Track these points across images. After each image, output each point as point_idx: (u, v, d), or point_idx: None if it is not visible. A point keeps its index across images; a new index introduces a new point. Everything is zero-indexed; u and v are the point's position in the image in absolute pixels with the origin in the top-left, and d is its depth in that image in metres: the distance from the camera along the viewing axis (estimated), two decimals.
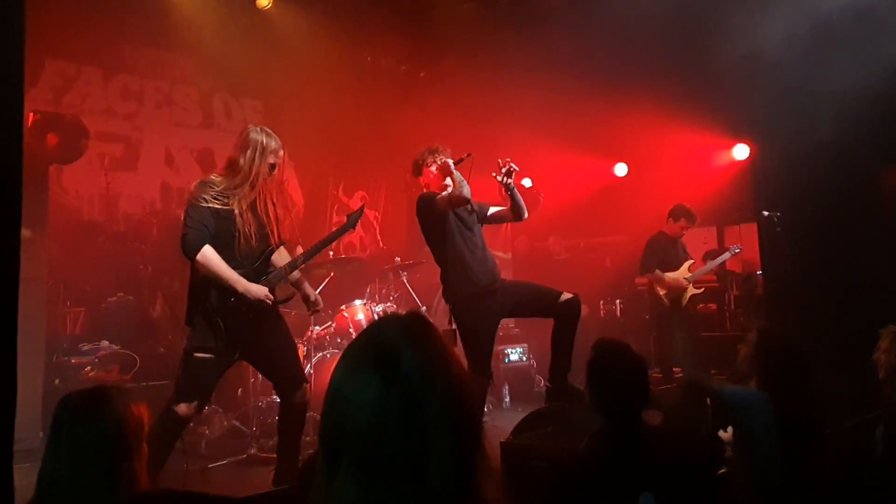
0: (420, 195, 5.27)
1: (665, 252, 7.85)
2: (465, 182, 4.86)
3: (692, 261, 7.97)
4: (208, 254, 4.22)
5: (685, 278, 7.76)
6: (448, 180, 4.97)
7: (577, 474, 2.51)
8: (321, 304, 4.83)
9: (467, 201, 4.90)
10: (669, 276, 7.74)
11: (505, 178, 4.99)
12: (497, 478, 1.31)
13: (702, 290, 7.96)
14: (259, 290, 4.32)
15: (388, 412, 1.19)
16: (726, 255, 8.04)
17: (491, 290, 5.13)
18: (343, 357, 1.30)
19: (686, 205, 7.93)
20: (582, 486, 2.46)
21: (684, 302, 7.81)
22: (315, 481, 1.26)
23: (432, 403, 1.21)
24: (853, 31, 6.04)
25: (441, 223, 5.13)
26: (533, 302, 5.24)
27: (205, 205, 4.25)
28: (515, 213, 5.33)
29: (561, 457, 2.59)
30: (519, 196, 5.17)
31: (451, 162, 4.98)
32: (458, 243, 5.16)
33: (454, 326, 5.16)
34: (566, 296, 5.12)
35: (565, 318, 5.12)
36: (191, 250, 4.22)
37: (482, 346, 5.12)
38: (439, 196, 5.01)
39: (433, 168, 5.21)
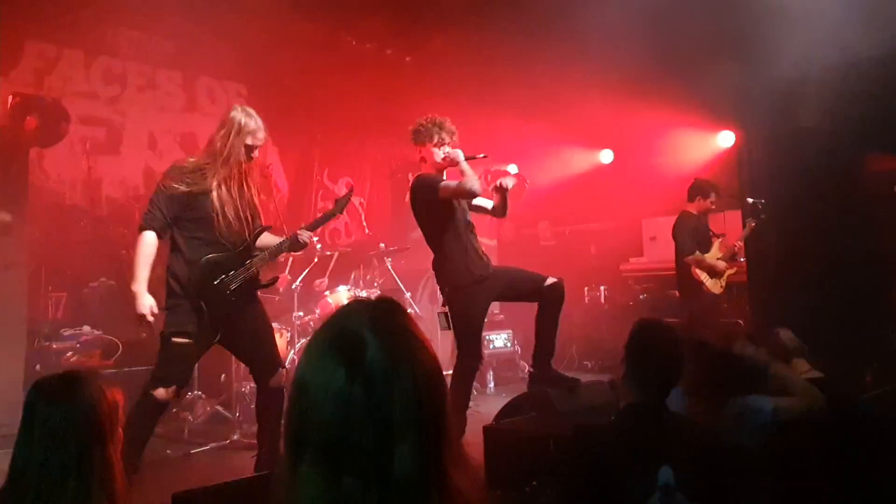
0: (420, 176, 5.10)
1: (699, 233, 7.18)
2: (475, 176, 4.84)
3: (720, 239, 7.30)
4: (146, 239, 4.24)
5: (719, 258, 7.11)
6: (461, 168, 4.89)
7: (602, 446, 2.60)
8: (308, 238, 4.62)
9: (475, 196, 4.93)
10: (709, 257, 7.08)
11: (506, 183, 5.08)
12: (472, 466, 1.29)
13: (734, 270, 7.29)
14: (142, 307, 4.21)
15: (351, 404, 1.17)
16: (749, 226, 7.23)
17: (484, 278, 5.12)
18: (308, 345, 1.28)
19: (707, 178, 7.44)
20: (606, 458, 2.55)
21: (723, 285, 7.15)
22: (278, 472, 1.25)
23: (396, 397, 1.18)
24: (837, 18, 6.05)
25: (442, 210, 5.02)
26: (519, 287, 5.24)
27: (166, 192, 4.24)
28: (501, 211, 5.35)
29: (587, 428, 2.72)
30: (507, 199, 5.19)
31: (461, 155, 4.92)
32: (460, 232, 5.09)
33: (445, 310, 5.16)
34: (551, 280, 5.13)
35: (550, 302, 5.13)
36: (141, 228, 4.28)
37: (474, 331, 5.12)
38: (443, 183, 4.93)
39: (440, 152, 5.03)
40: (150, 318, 4.23)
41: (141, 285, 4.21)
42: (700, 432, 2.69)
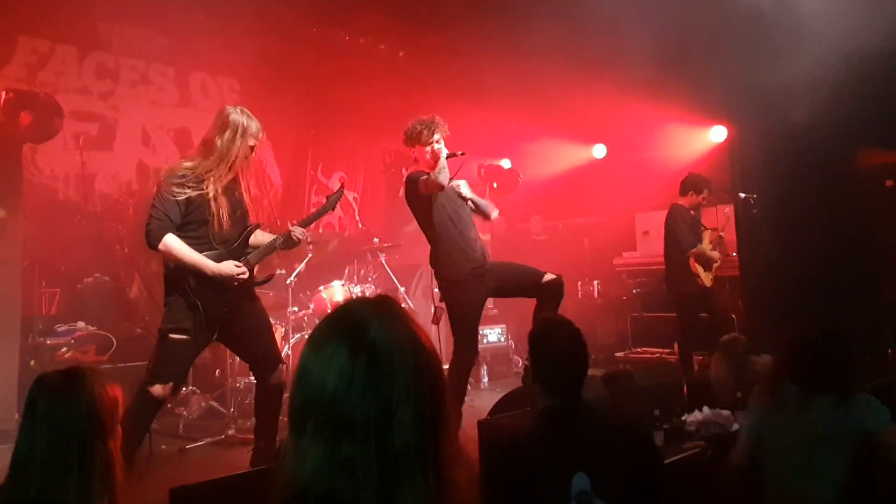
0: (408, 176, 5.21)
1: (693, 226, 7.17)
2: (446, 170, 4.88)
3: (709, 231, 7.31)
4: (170, 242, 4.15)
5: (711, 251, 7.07)
6: (439, 163, 4.96)
7: (517, 453, 2.52)
8: (302, 235, 4.63)
9: (441, 188, 4.93)
10: (706, 250, 7.03)
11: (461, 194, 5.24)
12: (464, 446, 1.34)
13: (718, 262, 7.24)
14: (228, 268, 4.26)
15: (353, 378, 1.23)
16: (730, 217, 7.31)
17: (480, 273, 5.14)
18: (311, 334, 1.34)
19: (700, 173, 7.39)
20: (521, 466, 2.46)
21: (712, 278, 7.11)
22: (284, 446, 1.30)
23: (398, 369, 1.24)
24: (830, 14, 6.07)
25: (427, 206, 5.10)
26: (517, 282, 5.27)
27: (171, 197, 4.17)
28: (482, 217, 5.50)
29: (501, 435, 2.61)
30: (481, 204, 5.37)
31: (444, 152, 5.00)
32: (447, 226, 5.14)
33: (442, 304, 5.19)
34: (549, 276, 5.15)
35: (548, 298, 5.14)
36: (152, 239, 4.17)
37: (470, 327, 5.15)
38: (421, 178, 5.00)
39: (427, 150, 5.12)
40: (242, 273, 4.31)
41: (209, 265, 4.21)
42: (622, 432, 2.59)
